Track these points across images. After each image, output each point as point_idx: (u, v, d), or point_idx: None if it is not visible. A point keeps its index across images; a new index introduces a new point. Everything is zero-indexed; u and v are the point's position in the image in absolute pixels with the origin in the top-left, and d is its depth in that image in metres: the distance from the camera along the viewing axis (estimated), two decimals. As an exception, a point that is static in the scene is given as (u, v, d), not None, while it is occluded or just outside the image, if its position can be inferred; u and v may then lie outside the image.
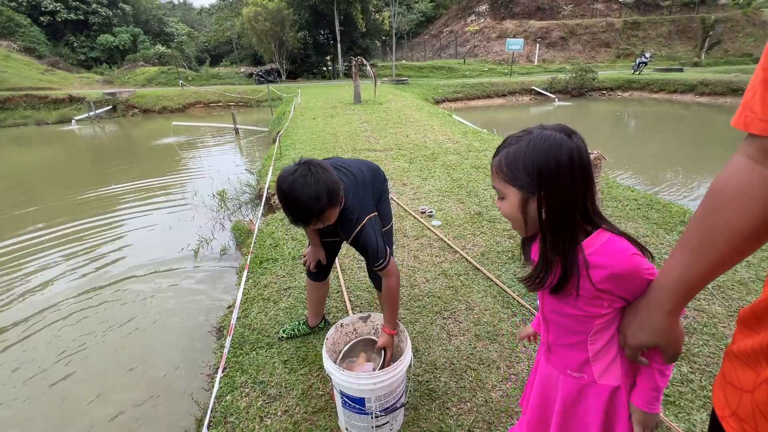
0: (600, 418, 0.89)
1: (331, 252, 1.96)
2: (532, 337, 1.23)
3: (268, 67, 24.51)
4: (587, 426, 0.91)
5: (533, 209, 0.79)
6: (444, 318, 2.31)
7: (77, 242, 4.43)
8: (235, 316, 2.38)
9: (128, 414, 2.21)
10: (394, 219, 3.67)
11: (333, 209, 1.41)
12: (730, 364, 0.58)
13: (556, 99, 16.53)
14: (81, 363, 2.60)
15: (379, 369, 1.58)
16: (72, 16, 26.31)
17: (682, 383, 1.78)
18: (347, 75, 23.47)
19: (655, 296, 0.67)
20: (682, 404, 1.67)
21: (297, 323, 2.23)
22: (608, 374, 0.86)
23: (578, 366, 0.89)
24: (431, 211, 3.78)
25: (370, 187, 1.69)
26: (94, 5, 26.89)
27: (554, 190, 0.75)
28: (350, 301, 2.50)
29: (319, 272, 1.98)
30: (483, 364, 1.94)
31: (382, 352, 1.65)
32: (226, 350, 2.11)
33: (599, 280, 0.77)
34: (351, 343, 1.79)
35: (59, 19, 26.08)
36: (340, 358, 1.72)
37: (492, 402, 1.74)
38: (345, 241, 1.61)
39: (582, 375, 0.89)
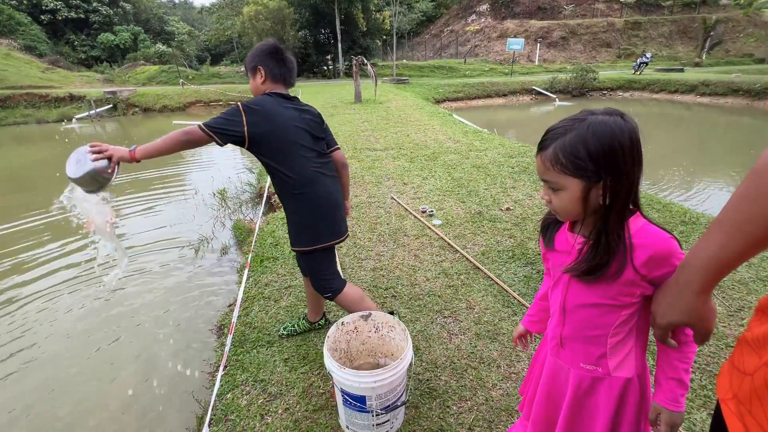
0: (611, 410, 0.89)
1: None
2: (524, 337, 1.22)
3: (268, 66, 24.45)
4: (597, 418, 0.91)
5: (595, 197, 0.77)
6: (444, 317, 2.31)
7: (76, 239, 4.43)
8: (235, 314, 2.38)
9: (129, 411, 2.21)
10: (393, 218, 3.69)
11: (254, 69, 1.71)
12: (739, 351, 0.59)
13: (557, 99, 16.53)
14: (79, 360, 2.60)
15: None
16: (72, 14, 26.31)
17: (683, 382, 1.78)
18: (348, 74, 23.43)
19: (685, 275, 0.66)
20: (682, 403, 1.68)
21: (297, 320, 2.24)
22: (623, 367, 0.87)
23: (594, 360, 0.89)
24: (432, 211, 3.79)
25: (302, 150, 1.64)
26: (94, 4, 26.90)
27: (620, 175, 0.75)
28: (351, 299, 2.51)
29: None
30: (483, 363, 1.95)
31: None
32: (227, 348, 2.12)
33: (641, 262, 0.77)
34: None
35: (60, 18, 26.09)
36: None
37: (492, 401, 1.74)
38: None
39: (596, 368, 0.89)
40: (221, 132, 1.51)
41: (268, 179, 4.90)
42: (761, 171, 0.54)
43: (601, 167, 0.74)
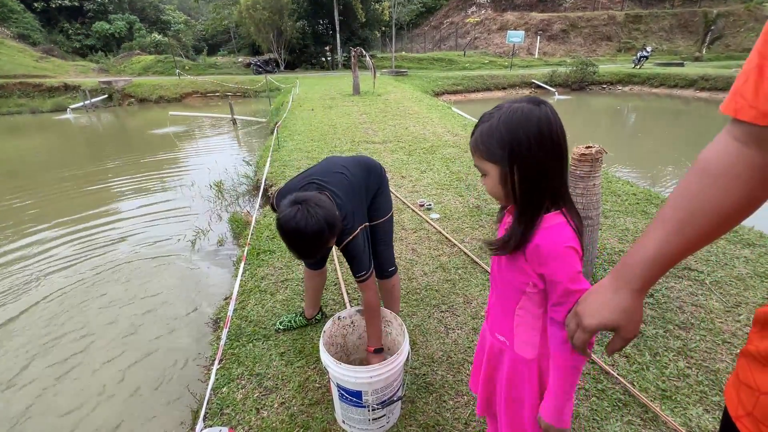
0: (516, 382, 0.99)
1: None
2: None
3: (266, 57, 24.20)
4: (500, 385, 1.03)
5: (511, 182, 0.81)
6: (442, 311, 2.30)
7: (71, 230, 4.39)
8: (231, 307, 2.37)
9: (124, 405, 2.20)
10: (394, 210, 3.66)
11: (334, 238, 1.47)
12: (745, 364, 0.57)
13: (556, 93, 16.43)
14: (74, 353, 2.58)
15: None
16: (66, 2, 25.84)
17: (679, 378, 1.78)
18: (346, 66, 23.21)
19: (625, 273, 0.65)
20: (678, 399, 1.68)
21: (294, 315, 2.22)
22: (525, 348, 0.95)
23: (505, 332, 0.98)
24: (430, 204, 3.77)
25: (363, 190, 1.69)
26: (88, -9, 26.41)
27: (526, 162, 0.77)
28: (348, 293, 2.50)
29: (316, 260, 1.97)
30: (480, 357, 1.94)
31: None
32: (222, 342, 2.10)
33: (530, 250, 0.82)
34: None
35: (53, 6, 25.63)
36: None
37: (489, 395, 1.74)
38: (338, 246, 1.63)
39: (505, 341, 0.98)
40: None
41: (265, 171, 4.85)
42: (697, 172, 0.56)
43: (507, 153, 0.77)
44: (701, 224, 0.56)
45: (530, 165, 0.77)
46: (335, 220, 1.40)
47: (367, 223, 1.64)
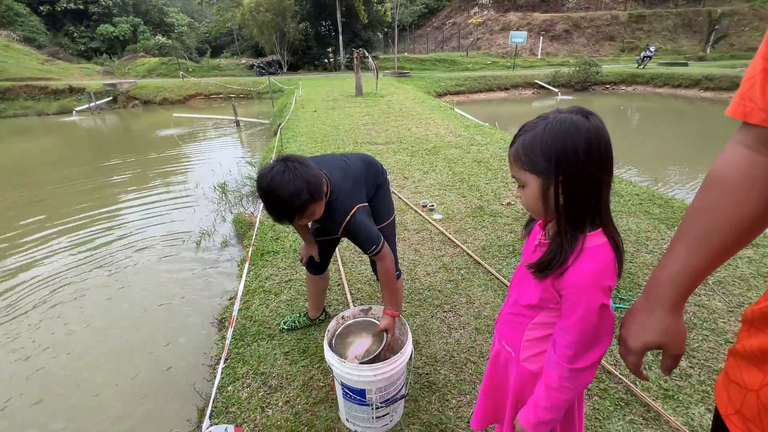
0: (516, 389, 0.99)
1: (327, 249, 1.97)
2: None
3: (269, 58, 24.29)
4: (508, 390, 1.03)
5: (553, 195, 0.76)
6: (444, 311, 2.32)
7: (76, 231, 4.43)
8: (236, 307, 2.39)
9: (130, 403, 2.23)
10: (395, 213, 3.67)
11: (316, 204, 1.38)
12: (733, 363, 0.57)
13: (559, 93, 16.40)
14: (79, 352, 2.62)
15: (381, 350, 1.58)
16: (71, 5, 26.05)
17: (681, 378, 1.79)
18: (349, 67, 23.24)
19: (656, 292, 0.65)
20: (680, 398, 1.68)
21: (298, 315, 2.24)
22: (532, 361, 0.95)
23: (511, 343, 0.98)
24: (432, 205, 3.78)
25: (363, 179, 1.67)
26: (93, -6, 26.61)
27: (572, 175, 0.73)
28: (351, 293, 2.51)
29: (317, 266, 1.99)
30: (483, 357, 1.96)
31: (383, 335, 1.63)
32: (227, 341, 2.13)
33: (559, 270, 0.79)
34: (346, 323, 1.75)
35: (59, 9, 25.86)
36: (334, 337, 1.68)
37: (491, 395, 1.75)
38: (336, 234, 1.59)
39: (511, 351, 0.98)
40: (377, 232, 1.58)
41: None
42: (711, 185, 0.55)
43: (552, 165, 0.73)
44: (721, 239, 0.55)
45: (578, 178, 0.73)
46: (318, 183, 1.33)
47: (367, 204, 1.59)
